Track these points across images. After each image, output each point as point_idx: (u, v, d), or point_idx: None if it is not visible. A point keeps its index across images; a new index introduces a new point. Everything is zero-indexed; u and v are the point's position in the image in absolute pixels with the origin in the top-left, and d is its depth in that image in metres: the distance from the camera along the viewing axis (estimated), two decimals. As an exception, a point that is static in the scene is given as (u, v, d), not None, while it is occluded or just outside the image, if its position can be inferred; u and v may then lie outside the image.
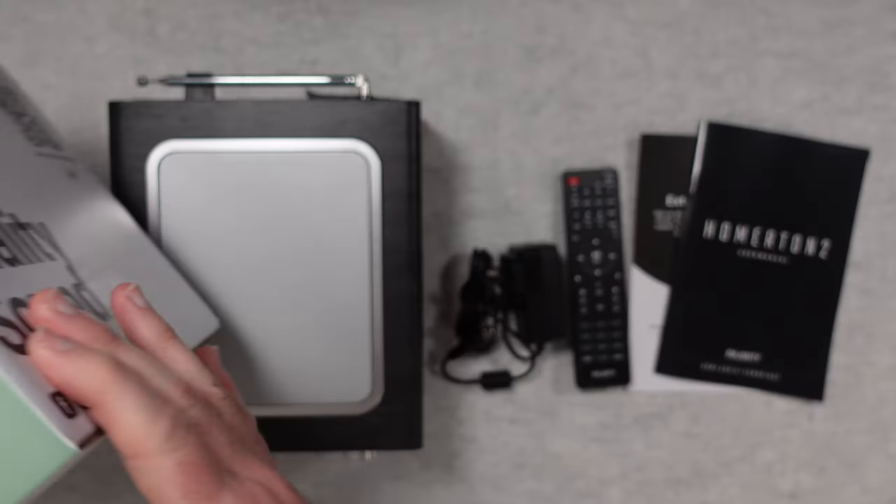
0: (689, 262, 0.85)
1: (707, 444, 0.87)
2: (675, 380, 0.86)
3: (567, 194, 0.84)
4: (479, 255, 0.83)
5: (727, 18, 0.86)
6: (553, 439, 0.86)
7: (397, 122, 0.68)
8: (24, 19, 0.84)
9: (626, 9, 0.85)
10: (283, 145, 0.67)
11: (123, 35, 0.85)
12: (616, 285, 0.84)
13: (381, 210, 0.68)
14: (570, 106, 0.86)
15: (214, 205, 0.67)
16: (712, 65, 0.86)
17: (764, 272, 0.85)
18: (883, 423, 0.87)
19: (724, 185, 0.85)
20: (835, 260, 0.85)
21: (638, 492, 0.87)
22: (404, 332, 0.69)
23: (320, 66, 0.85)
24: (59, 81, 0.85)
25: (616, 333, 0.84)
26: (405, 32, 0.85)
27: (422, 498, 0.87)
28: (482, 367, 0.86)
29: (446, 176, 0.86)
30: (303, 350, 0.69)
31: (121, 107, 0.67)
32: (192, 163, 0.67)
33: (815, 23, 0.86)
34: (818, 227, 0.85)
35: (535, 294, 0.80)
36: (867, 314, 0.86)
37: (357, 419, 0.69)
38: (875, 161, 0.86)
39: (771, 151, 0.85)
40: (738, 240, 0.85)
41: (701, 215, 0.85)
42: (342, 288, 0.68)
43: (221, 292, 0.69)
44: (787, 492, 0.87)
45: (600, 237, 0.84)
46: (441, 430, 0.86)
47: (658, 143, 0.85)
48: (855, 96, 0.86)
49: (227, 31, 0.85)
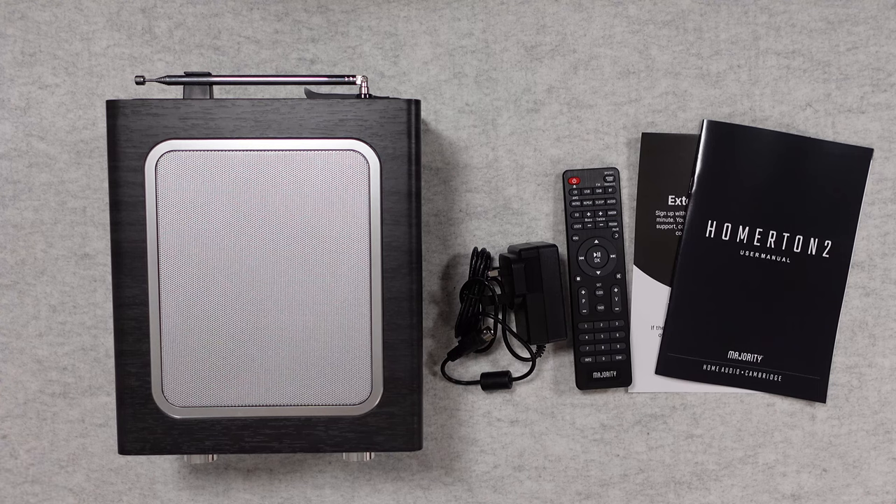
0: (690, 262, 0.85)
1: (708, 446, 0.86)
2: (676, 381, 0.85)
3: (567, 194, 0.84)
4: (479, 255, 0.83)
5: (728, 17, 0.85)
6: (553, 440, 0.86)
7: (397, 121, 0.67)
8: (22, 17, 0.84)
9: (626, 7, 0.85)
10: (281, 144, 0.67)
11: (121, 33, 0.84)
12: (617, 285, 0.84)
13: (380, 209, 0.68)
14: (571, 105, 0.85)
15: (213, 204, 0.67)
16: (713, 63, 0.85)
17: (766, 272, 0.85)
18: (885, 424, 0.86)
19: (726, 184, 0.84)
20: (837, 260, 0.85)
21: (639, 493, 0.86)
22: (404, 332, 0.69)
23: (319, 65, 0.85)
24: (57, 80, 0.84)
25: (617, 334, 0.84)
26: (405, 31, 0.85)
27: (422, 499, 0.86)
28: (482, 368, 0.86)
29: (446, 175, 0.86)
30: (302, 350, 0.68)
31: (119, 105, 0.67)
32: (190, 162, 0.67)
33: (817, 21, 0.85)
34: (820, 226, 0.85)
35: (535, 294, 0.80)
36: (870, 315, 0.86)
37: (357, 420, 0.69)
38: (877, 160, 0.85)
39: (773, 150, 0.84)
40: (740, 240, 0.85)
41: (703, 215, 0.85)
42: (341, 288, 0.68)
43: (220, 292, 0.68)
44: (789, 493, 0.86)
45: (601, 237, 0.84)
46: (441, 431, 0.86)
47: (659, 141, 0.85)
48: (857, 95, 0.85)
49: (225, 30, 0.85)
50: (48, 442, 0.85)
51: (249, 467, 0.85)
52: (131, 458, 0.85)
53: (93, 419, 0.85)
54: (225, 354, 0.69)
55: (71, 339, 0.85)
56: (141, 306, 0.68)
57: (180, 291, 0.68)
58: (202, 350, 0.69)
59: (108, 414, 0.85)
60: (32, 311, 0.85)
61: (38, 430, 0.85)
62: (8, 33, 0.84)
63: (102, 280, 0.85)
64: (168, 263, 0.68)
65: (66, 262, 0.85)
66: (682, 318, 0.85)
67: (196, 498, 0.85)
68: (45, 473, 0.86)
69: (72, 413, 0.85)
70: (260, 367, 0.69)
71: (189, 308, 0.68)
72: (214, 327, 0.69)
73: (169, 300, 0.68)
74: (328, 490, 0.86)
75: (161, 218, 0.67)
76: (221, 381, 0.69)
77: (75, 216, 0.85)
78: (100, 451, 0.86)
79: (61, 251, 0.85)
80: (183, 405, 0.69)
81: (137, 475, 0.85)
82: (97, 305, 0.85)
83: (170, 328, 0.68)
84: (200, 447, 0.70)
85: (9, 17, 0.84)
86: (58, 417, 0.85)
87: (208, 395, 0.69)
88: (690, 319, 0.85)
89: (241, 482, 0.85)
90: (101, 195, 0.84)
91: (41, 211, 0.85)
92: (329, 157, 0.67)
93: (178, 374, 0.69)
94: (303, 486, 0.86)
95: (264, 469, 0.86)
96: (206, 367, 0.69)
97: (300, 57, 0.85)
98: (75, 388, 0.85)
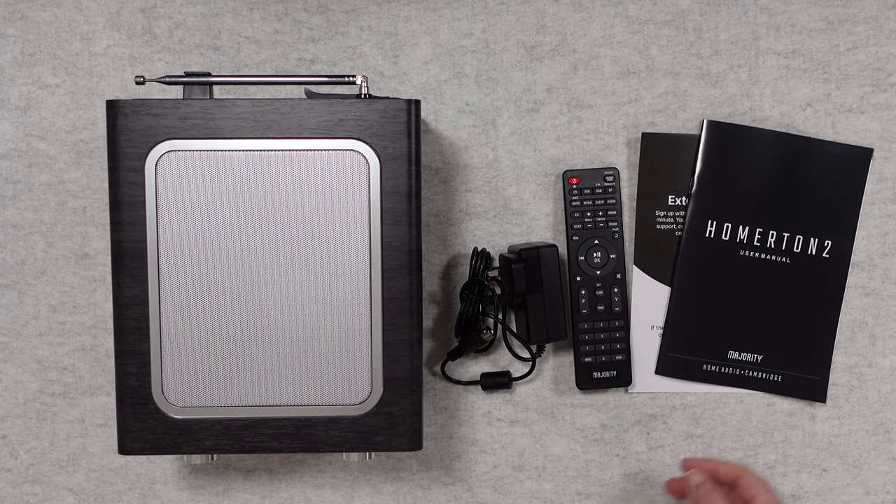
0: (690, 262, 0.85)
1: (708, 446, 0.86)
2: (676, 381, 0.85)
3: (567, 194, 0.84)
4: (479, 255, 0.83)
5: (728, 17, 0.85)
6: (553, 440, 0.86)
7: (397, 121, 0.67)
8: (22, 17, 0.84)
9: (626, 7, 0.85)
10: (281, 144, 0.67)
11: (121, 33, 0.84)
12: (617, 285, 0.84)
13: (380, 210, 0.68)
14: (571, 105, 0.85)
15: (213, 204, 0.67)
16: (713, 63, 0.85)
17: (766, 272, 0.85)
18: (886, 424, 0.86)
19: (726, 184, 0.84)
20: (837, 260, 0.85)
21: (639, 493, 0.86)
22: (404, 332, 0.68)
23: (319, 65, 0.85)
24: (57, 80, 0.84)
25: (617, 334, 0.84)
26: (405, 31, 0.85)
27: (422, 499, 0.86)
28: (482, 368, 0.86)
29: (446, 175, 0.86)
30: (302, 350, 0.68)
31: (119, 105, 0.67)
32: (190, 162, 0.67)
33: (817, 21, 0.85)
34: (820, 226, 0.85)
35: (535, 294, 0.80)
36: (870, 315, 0.86)
37: (356, 420, 0.69)
38: (878, 161, 0.85)
39: (773, 150, 0.84)
40: (740, 240, 0.85)
41: (702, 215, 0.85)
42: (341, 288, 0.68)
43: (220, 292, 0.68)
44: (789, 493, 0.86)
45: (601, 237, 0.84)
46: (441, 431, 0.86)
47: (659, 141, 0.85)
48: (857, 95, 0.85)
49: (225, 30, 0.85)
50: (48, 442, 0.85)
51: (249, 467, 0.85)
52: (131, 458, 0.85)
53: (93, 419, 0.85)
54: (225, 354, 0.69)
55: (71, 339, 0.85)
56: (141, 306, 0.68)
57: (180, 291, 0.68)
58: (202, 350, 0.69)
59: (108, 414, 0.85)
60: (32, 311, 0.85)
61: (38, 430, 0.85)
62: (8, 33, 0.84)
63: (102, 280, 0.85)
64: (168, 263, 0.68)
65: (66, 262, 0.85)
66: (682, 318, 0.85)
67: (196, 498, 0.85)
68: (45, 473, 0.86)
69: (72, 413, 0.85)
70: (260, 367, 0.69)
71: (189, 308, 0.68)
72: (214, 327, 0.69)
73: (169, 300, 0.68)
74: (328, 490, 0.86)
75: (161, 218, 0.67)
76: (221, 381, 0.69)
77: (75, 216, 0.85)
78: (100, 451, 0.86)
79: (61, 251, 0.85)
80: (183, 405, 0.69)
81: (137, 475, 0.85)
82: (97, 305, 0.85)
83: (170, 328, 0.68)
84: (200, 447, 0.70)
85: (9, 17, 0.84)
86: (58, 417, 0.85)
87: (208, 395, 0.69)
88: (690, 319, 0.85)
89: (241, 482, 0.85)
90: (101, 195, 0.84)
91: (41, 211, 0.85)
92: (329, 157, 0.67)
93: (178, 374, 0.69)
94: (303, 486, 0.86)
95: (264, 469, 0.85)
96: (206, 367, 0.69)
97: (300, 57, 0.85)
98: (75, 388, 0.85)
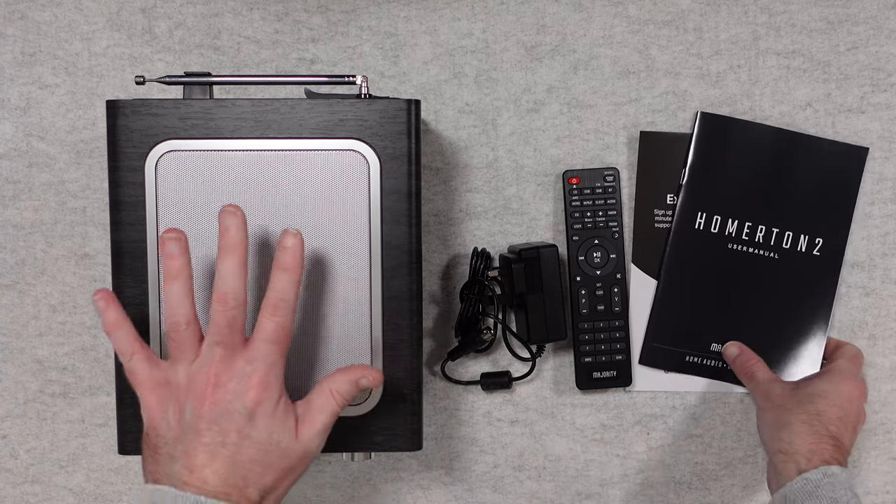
0: (678, 253, 0.84)
1: (708, 446, 0.86)
2: (676, 382, 0.85)
3: (567, 194, 0.84)
4: (479, 255, 0.83)
5: (728, 17, 0.85)
6: (553, 440, 0.86)
7: (397, 121, 0.67)
8: (22, 17, 0.84)
9: (626, 7, 0.85)
10: (281, 144, 0.67)
11: (121, 33, 0.84)
12: (617, 285, 0.84)
13: (380, 210, 0.67)
14: (571, 105, 0.85)
15: (213, 204, 0.67)
16: (713, 63, 0.85)
17: (753, 267, 0.84)
18: (885, 424, 0.86)
19: (717, 176, 0.84)
20: (828, 258, 0.84)
21: (639, 493, 0.86)
22: (404, 332, 0.68)
23: (319, 65, 0.85)
24: (57, 80, 0.84)
25: (617, 334, 0.84)
26: (405, 31, 0.85)
27: (422, 499, 0.86)
28: (482, 368, 0.86)
29: (446, 175, 0.86)
30: (302, 350, 0.68)
31: (119, 105, 0.67)
32: (190, 162, 0.67)
33: (817, 21, 0.85)
34: (811, 224, 0.84)
35: (535, 294, 0.80)
36: (869, 315, 0.86)
37: (357, 420, 0.69)
38: (878, 160, 0.85)
39: (766, 144, 0.84)
40: (728, 233, 0.84)
41: (692, 206, 0.84)
42: (342, 288, 0.68)
43: (220, 292, 0.68)
44: (789, 493, 0.86)
45: (601, 237, 0.84)
46: (441, 431, 0.86)
47: (657, 140, 0.85)
48: (857, 95, 0.85)
49: (225, 30, 0.85)
50: (48, 442, 0.85)
51: (249, 467, 0.85)
52: (131, 458, 0.85)
53: (93, 419, 0.85)
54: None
55: (71, 339, 0.85)
56: (141, 306, 0.68)
57: (180, 291, 0.68)
58: (202, 350, 0.69)
59: (108, 414, 0.85)
60: (32, 311, 0.85)
61: (38, 430, 0.85)
62: (8, 33, 0.84)
63: (102, 280, 0.85)
64: (168, 263, 0.68)
65: (66, 262, 0.85)
66: (668, 308, 0.85)
67: (196, 498, 0.85)
68: (45, 473, 0.86)
69: (72, 413, 0.85)
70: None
71: (189, 308, 0.68)
72: (214, 327, 0.68)
73: (169, 300, 0.68)
74: (328, 490, 0.86)
75: (161, 218, 0.67)
76: (221, 381, 0.69)
77: (75, 216, 0.85)
78: (100, 451, 0.86)
79: (61, 251, 0.85)
80: (183, 405, 0.69)
81: (137, 475, 0.85)
82: (97, 305, 0.85)
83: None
84: (200, 447, 0.70)
85: (9, 17, 0.84)
86: (58, 417, 0.85)
87: (208, 395, 0.69)
88: (676, 310, 0.85)
89: (241, 482, 0.85)
90: (101, 195, 0.84)
91: (41, 211, 0.85)
92: (329, 157, 0.67)
93: (178, 374, 0.69)
94: (303, 486, 0.86)
95: (264, 469, 0.85)
96: (206, 367, 0.69)
97: (300, 57, 0.85)
98: (75, 388, 0.85)
